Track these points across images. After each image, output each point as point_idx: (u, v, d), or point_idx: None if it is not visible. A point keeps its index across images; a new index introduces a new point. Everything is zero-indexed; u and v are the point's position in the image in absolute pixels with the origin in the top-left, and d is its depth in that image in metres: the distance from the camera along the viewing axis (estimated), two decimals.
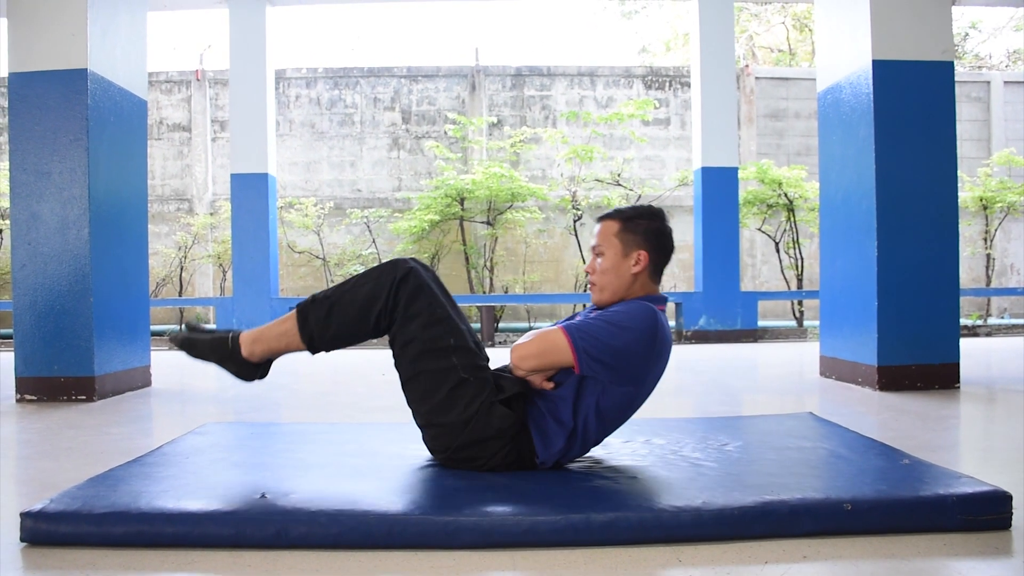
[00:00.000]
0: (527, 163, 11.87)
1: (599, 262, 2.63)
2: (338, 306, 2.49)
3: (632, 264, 2.58)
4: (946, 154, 4.97)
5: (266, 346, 2.56)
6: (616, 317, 2.46)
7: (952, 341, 4.96)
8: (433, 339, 2.45)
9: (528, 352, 2.43)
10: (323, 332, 2.50)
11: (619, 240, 2.60)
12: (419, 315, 2.45)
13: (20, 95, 4.91)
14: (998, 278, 12.39)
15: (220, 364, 2.59)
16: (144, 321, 5.58)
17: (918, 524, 2.07)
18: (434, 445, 2.52)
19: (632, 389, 2.49)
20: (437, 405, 2.45)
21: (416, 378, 2.49)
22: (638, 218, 2.62)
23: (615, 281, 2.60)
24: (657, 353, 2.49)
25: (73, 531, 2.03)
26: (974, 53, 20.01)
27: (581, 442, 2.51)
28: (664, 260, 2.65)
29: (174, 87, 12.28)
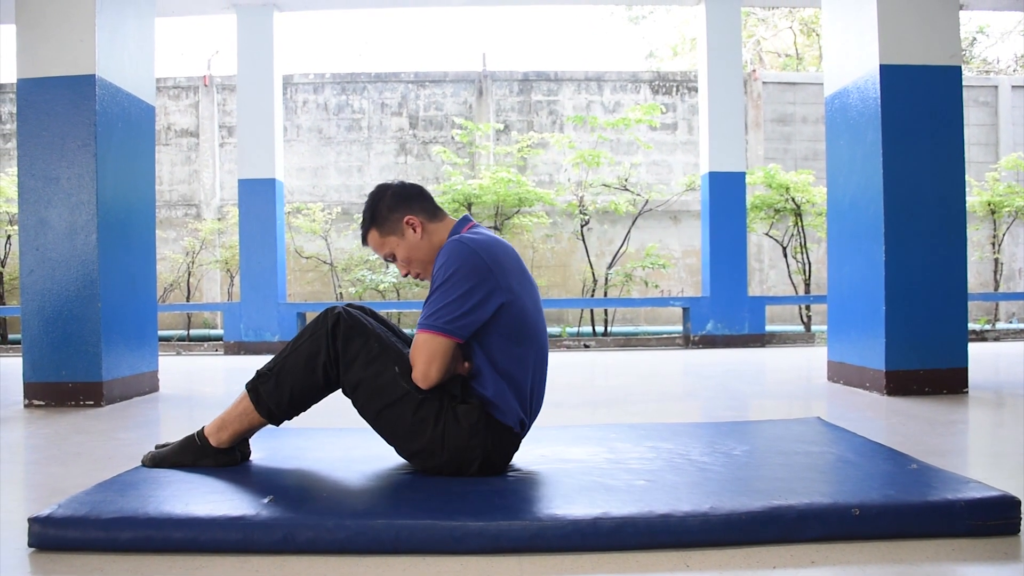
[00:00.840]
0: (534, 168, 11.88)
1: (400, 264, 2.69)
2: (283, 373, 2.54)
3: (412, 232, 2.63)
4: (954, 158, 4.95)
5: (231, 430, 2.63)
6: (439, 276, 2.47)
7: (960, 345, 4.95)
8: (377, 375, 2.48)
9: (425, 366, 2.44)
10: (278, 402, 2.55)
11: (387, 234, 2.66)
12: (357, 357, 2.49)
13: (28, 101, 4.93)
14: (1006, 282, 12.36)
15: (198, 463, 2.64)
16: (152, 326, 5.59)
17: (926, 529, 2.06)
18: (427, 467, 2.53)
19: (503, 301, 2.48)
20: (408, 432, 2.48)
21: (379, 417, 2.51)
22: (373, 210, 2.67)
23: (419, 254, 2.65)
24: (493, 263, 2.49)
25: (81, 536, 2.03)
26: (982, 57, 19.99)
27: (526, 385, 2.55)
28: (420, 199, 2.68)
29: (182, 93, 12.32)
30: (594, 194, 11.11)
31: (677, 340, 9.78)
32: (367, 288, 10.76)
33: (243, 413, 2.59)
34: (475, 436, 2.46)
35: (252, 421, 2.60)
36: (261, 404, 2.55)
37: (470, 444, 2.46)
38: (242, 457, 2.70)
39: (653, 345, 9.69)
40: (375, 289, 10.79)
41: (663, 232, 11.97)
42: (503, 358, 2.51)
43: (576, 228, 11.07)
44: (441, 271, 2.47)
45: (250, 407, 2.57)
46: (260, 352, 9.08)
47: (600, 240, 11.88)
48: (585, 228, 10.99)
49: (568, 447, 2.92)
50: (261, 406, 2.55)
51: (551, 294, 11.69)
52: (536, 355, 2.59)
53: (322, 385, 2.53)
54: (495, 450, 2.50)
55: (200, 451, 2.64)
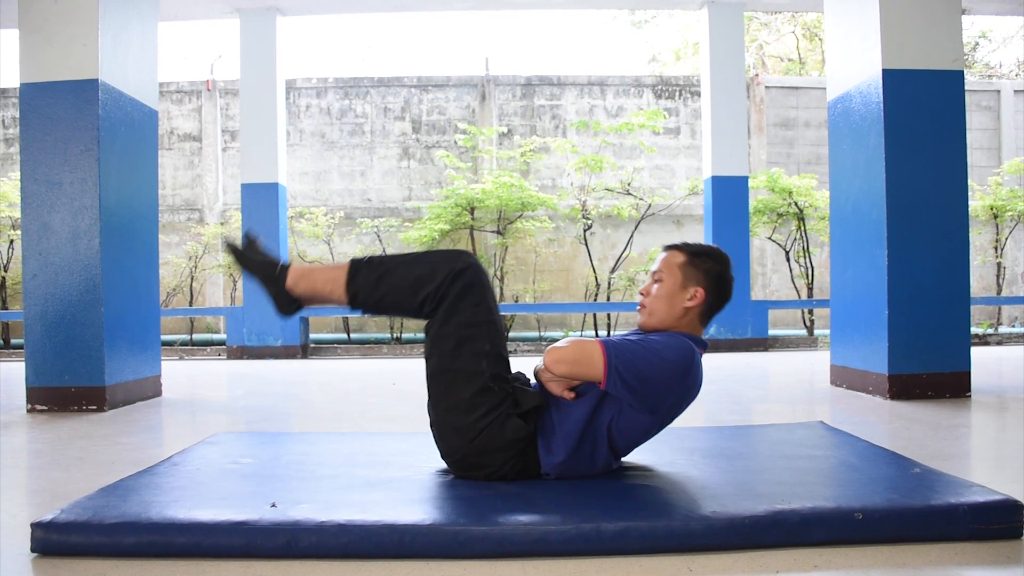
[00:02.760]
0: (537, 172, 11.88)
1: (655, 288, 2.62)
2: (391, 275, 2.50)
3: (687, 298, 2.58)
4: (956, 163, 4.95)
5: (311, 285, 2.59)
6: (655, 345, 2.44)
7: (963, 350, 4.94)
8: (470, 339, 2.45)
9: (563, 357, 2.40)
10: (369, 294, 2.52)
11: (681, 272, 2.60)
12: (463, 312, 2.45)
13: (31, 105, 4.94)
14: (1009, 287, 12.34)
15: (262, 284, 2.63)
16: (155, 331, 5.59)
17: (929, 533, 2.06)
18: (443, 444, 2.51)
19: (648, 418, 2.47)
20: (456, 405, 2.45)
21: (443, 374, 2.48)
22: (705, 256, 2.62)
23: (665, 309, 2.59)
24: (684, 390, 2.47)
25: (83, 541, 2.03)
26: (984, 62, 19.96)
27: (588, 459, 2.49)
28: (718, 306, 2.64)
29: (185, 97, 12.33)
30: (597, 198, 11.11)
31: None
32: None
33: (332, 280, 2.56)
34: (506, 451, 2.44)
35: (334, 292, 2.56)
36: (353, 284, 2.52)
37: (496, 454, 2.44)
38: (292, 310, 2.66)
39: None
40: None
41: (666, 236, 11.95)
42: (597, 431, 2.47)
43: (579, 232, 11.06)
44: (662, 346, 2.44)
45: (342, 279, 2.53)
46: (263, 356, 9.09)
47: (603, 244, 11.87)
48: (588, 232, 10.98)
49: None
50: (352, 285, 2.52)
51: (554, 298, 11.69)
52: (619, 453, 2.57)
53: (414, 309, 2.50)
54: (511, 472, 2.48)
55: (273, 279, 2.62)
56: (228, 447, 3.14)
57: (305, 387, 6.34)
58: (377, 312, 2.58)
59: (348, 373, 7.35)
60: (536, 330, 11.35)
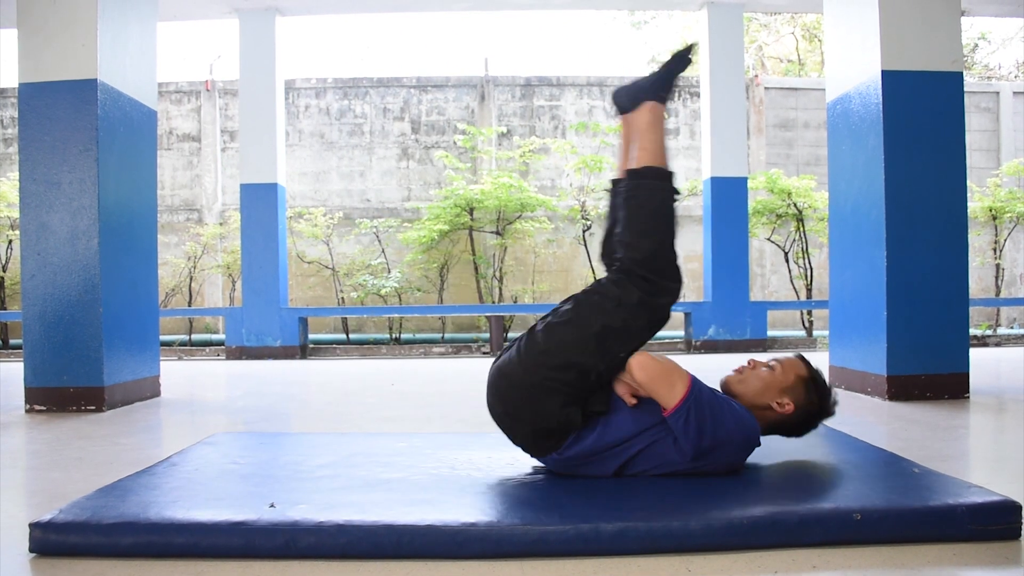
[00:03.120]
0: (536, 173, 11.88)
1: (764, 370, 2.65)
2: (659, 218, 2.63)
3: (778, 401, 2.60)
4: (955, 164, 4.96)
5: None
6: (735, 414, 2.46)
7: (961, 351, 4.95)
8: (609, 349, 2.48)
9: (648, 367, 2.44)
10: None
11: (794, 382, 2.62)
12: (628, 307, 2.50)
13: (30, 105, 4.94)
14: (1007, 288, 12.35)
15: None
16: (153, 331, 5.59)
17: (928, 534, 2.06)
18: (511, 370, 2.51)
19: (679, 459, 2.47)
20: (549, 368, 2.45)
21: (556, 337, 2.50)
22: (819, 391, 2.64)
23: (756, 393, 2.61)
24: (724, 463, 2.49)
25: (82, 542, 2.03)
26: (983, 64, 19.98)
27: (598, 462, 2.50)
28: (788, 431, 2.67)
29: (184, 97, 12.33)
30: (596, 199, 11.10)
31: (679, 345, 9.78)
32: (369, 293, 10.76)
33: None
34: (544, 421, 2.45)
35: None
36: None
37: (537, 415, 2.46)
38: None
39: (655, 350, 9.66)
40: (377, 294, 10.79)
41: None
42: (626, 450, 2.49)
43: (578, 233, 11.07)
44: (737, 421, 2.46)
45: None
46: (262, 357, 9.08)
47: None
48: (587, 233, 10.98)
49: None
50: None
51: (553, 299, 11.67)
52: (628, 471, 2.55)
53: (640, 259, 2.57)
54: (535, 436, 2.50)
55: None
56: (227, 447, 3.13)
57: (304, 387, 6.34)
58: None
59: (347, 373, 7.35)
60: None
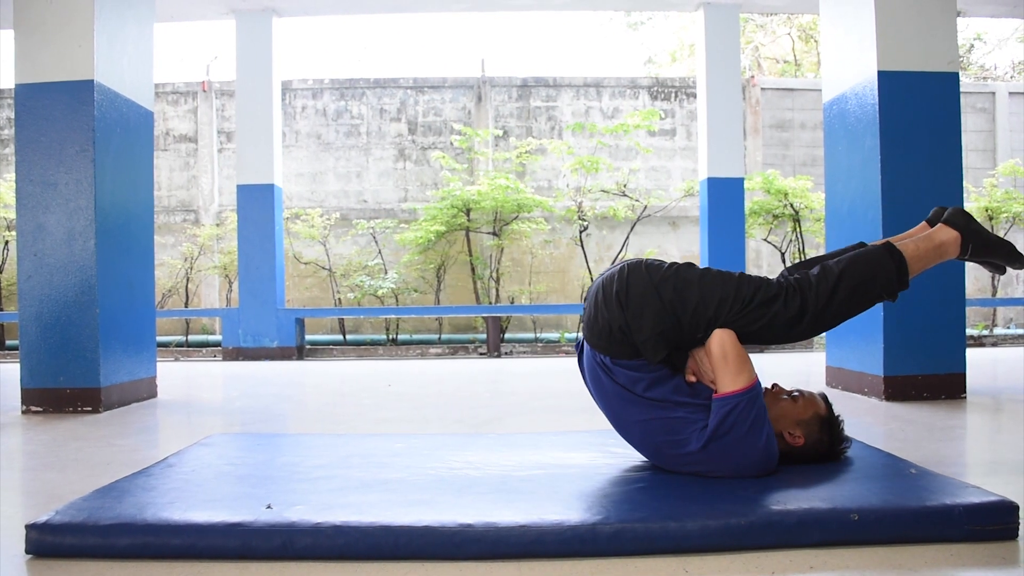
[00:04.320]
0: (533, 174, 11.88)
1: (785, 398, 2.68)
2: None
3: (789, 433, 2.62)
4: (951, 164, 4.96)
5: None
6: (768, 436, 2.50)
7: (958, 351, 4.95)
8: (750, 313, 2.59)
9: (728, 344, 2.52)
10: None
11: (811, 416, 2.65)
12: (748, 302, 2.59)
13: (26, 106, 4.93)
14: (1004, 288, 12.36)
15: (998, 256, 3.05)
16: (150, 332, 5.58)
17: (925, 534, 2.06)
18: (634, 279, 2.57)
19: (694, 447, 2.48)
20: (683, 297, 2.54)
21: (720, 286, 2.59)
22: (831, 431, 2.68)
23: (772, 414, 2.61)
24: (729, 469, 2.49)
25: (78, 543, 2.03)
26: (979, 64, 20.00)
27: (626, 401, 2.58)
28: (790, 463, 2.66)
29: (180, 98, 12.32)
30: (593, 200, 11.11)
31: None
32: (365, 294, 10.76)
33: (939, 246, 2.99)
34: (639, 332, 2.51)
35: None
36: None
37: (640, 319, 2.51)
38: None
39: None
40: (374, 295, 10.79)
41: (662, 238, 11.96)
42: (654, 411, 2.54)
43: (575, 234, 11.07)
44: (770, 443, 2.50)
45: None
46: (259, 358, 9.07)
47: (599, 246, 11.88)
48: (584, 234, 10.98)
49: (567, 452, 2.92)
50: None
51: (549, 300, 11.69)
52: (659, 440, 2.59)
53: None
54: (622, 338, 2.55)
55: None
56: (223, 448, 3.13)
57: (301, 388, 6.33)
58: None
59: (343, 374, 7.34)
60: (532, 331, 11.35)
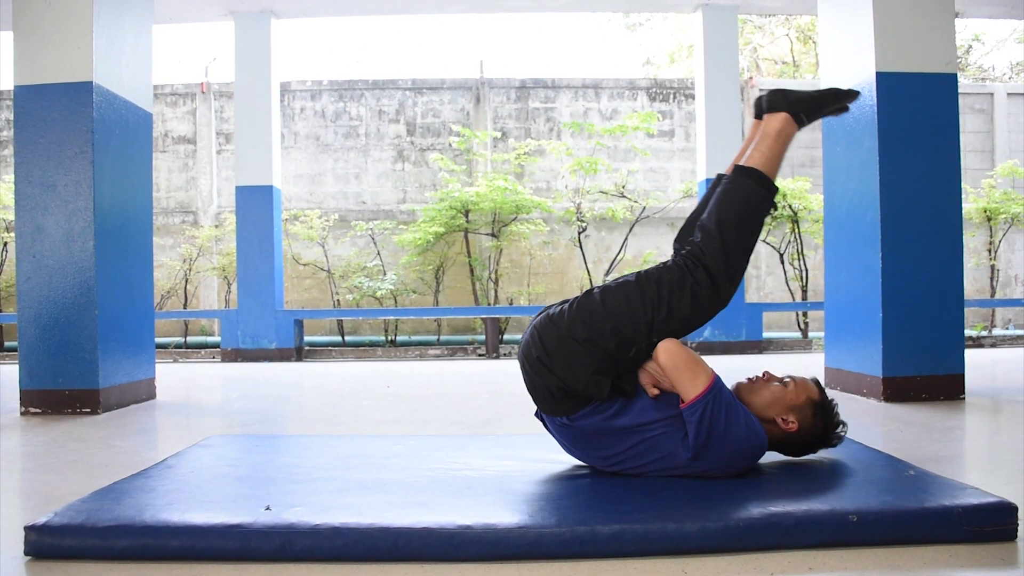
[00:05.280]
0: (532, 175, 11.88)
1: (777, 384, 2.67)
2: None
3: (783, 417, 2.60)
4: (950, 165, 4.96)
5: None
6: (749, 421, 2.47)
7: (957, 352, 4.95)
8: (663, 324, 2.51)
9: (675, 354, 2.46)
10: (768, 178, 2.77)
11: (803, 401, 2.63)
12: (687, 305, 2.54)
13: (25, 108, 4.93)
14: (1002, 289, 12.36)
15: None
16: (149, 334, 5.58)
17: (924, 536, 2.06)
18: (560, 320, 2.53)
19: (681, 456, 2.48)
20: (597, 329, 2.48)
21: (605, 312, 2.51)
22: (824, 419, 2.66)
23: (760, 404, 2.61)
24: (725, 467, 2.49)
25: (77, 544, 2.03)
26: (977, 65, 20.02)
27: (601, 441, 2.53)
28: (784, 448, 2.68)
29: (179, 100, 12.31)
30: (591, 201, 11.11)
31: None
32: (364, 295, 10.75)
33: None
34: (573, 382, 2.46)
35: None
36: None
37: (569, 369, 2.46)
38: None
39: None
40: (372, 296, 10.78)
41: (660, 239, 11.96)
42: (632, 434, 2.50)
43: (573, 235, 11.06)
44: (753, 430, 2.47)
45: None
46: (258, 359, 9.07)
47: (597, 247, 11.88)
48: (582, 235, 10.98)
49: (566, 453, 2.91)
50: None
51: (548, 301, 11.67)
52: (643, 462, 2.56)
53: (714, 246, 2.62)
54: (561, 393, 2.50)
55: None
56: (222, 450, 3.13)
57: (299, 390, 6.33)
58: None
59: (342, 376, 7.34)
60: None
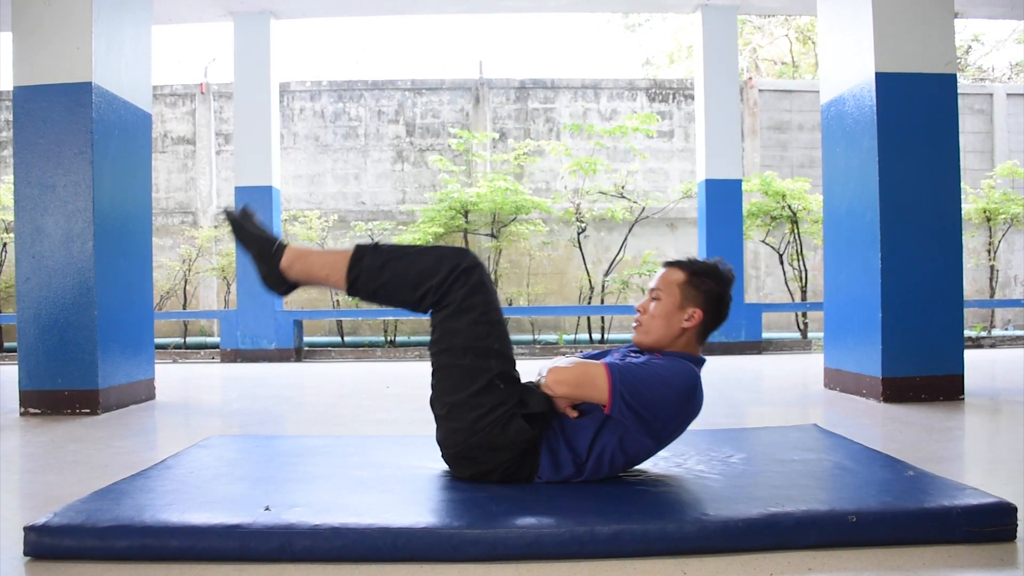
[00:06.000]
0: (531, 176, 11.88)
1: (653, 305, 2.62)
2: (395, 263, 2.48)
3: (684, 319, 2.57)
4: (949, 166, 4.97)
5: (307, 268, 2.57)
6: (661, 371, 2.43)
7: (956, 352, 4.95)
8: (479, 337, 2.43)
9: (565, 378, 2.41)
10: (370, 280, 2.50)
11: (680, 291, 2.59)
12: (473, 310, 2.44)
13: (25, 109, 4.93)
14: (1002, 290, 12.37)
15: (256, 259, 2.61)
16: (148, 334, 5.58)
17: (923, 536, 2.06)
18: (446, 438, 2.49)
19: (651, 442, 2.48)
20: (462, 401, 2.42)
21: (450, 369, 2.46)
22: (705, 276, 2.61)
23: (663, 329, 2.59)
24: (688, 414, 2.50)
25: (77, 545, 2.02)
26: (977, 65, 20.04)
27: (590, 473, 2.49)
28: (715, 326, 2.65)
29: (179, 100, 12.32)
30: (591, 201, 11.11)
31: None
32: None
33: (331, 264, 2.54)
34: (504, 451, 2.42)
35: (331, 276, 2.55)
36: (355, 269, 2.49)
37: (498, 452, 2.42)
38: (283, 291, 2.65)
39: None
40: None
41: (660, 239, 11.97)
42: (600, 452, 2.46)
43: (573, 236, 11.06)
44: (668, 373, 2.43)
45: (343, 264, 2.51)
46: (257, 360, 9.07)
47: (597, 247, 11.88)
48: (582, 235, 10.98)
49: None
50: (354, 271, 2.50)
51: (548, 302, 11.69)
52: (619, 470, 2.54)
53: (412, 301, 2.49)
54: (504, 474, 2.46)
55: (268, 256, 2.59)
56: (221, 450, 3.13)
57: (299, 390, 6.33)
58: (372, 298, 2.54)
59: (342, 376, 7.34)
60: (530, 333, 11.34)
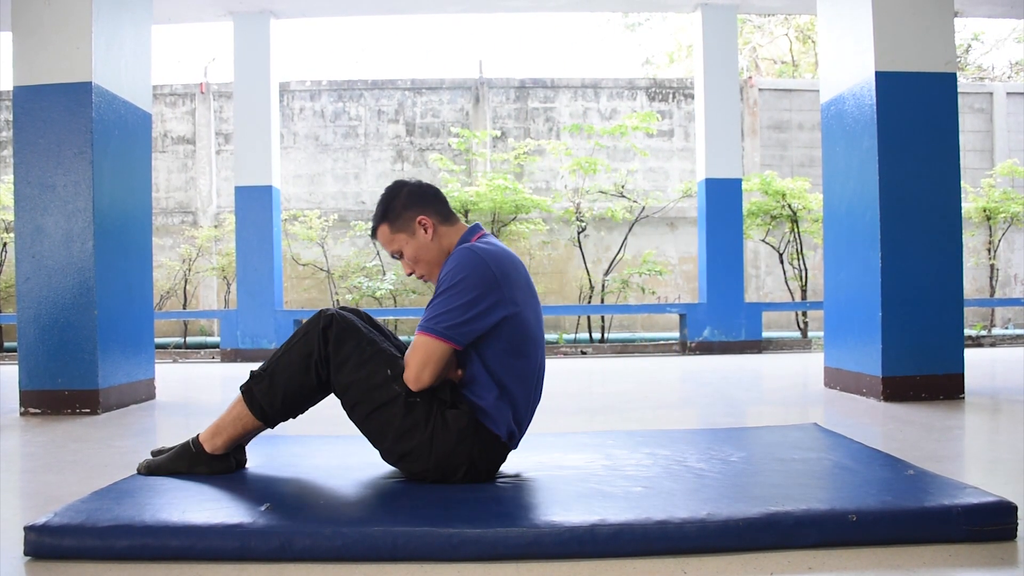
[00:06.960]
0: (531, 175, 11.88)
1: (405, 259, 2.67)
2: (277, 373, 2.55)
3: (423, 233, 2.62)
4: (949, 165, 4.96)
5: (226, 436, 2.63)
6: (446, 281, 2.47)
7: (956, 351, 4.95)
8: (369, 376, 2.48)
9: (419, 368, 2.44)
10: (271, 402, 2.55)
11: (397, 231, 2.64)
12: (348, 359, 2.49)
13: (25, 108, 4.92)
14: (1002, 288, 12.37)
15: (193, 471, 2.63)
16: (148, 334, 5.58)
17: (923, 535, 2.06)
18: (416, 474, 2.52)
19: (507, 314, 2.48)
20: (396, 435, 2.48)
21: (368, 419, 2.52)
22: (387, 205, 2.65)
23: (427, 255, 2.64)
24: (501, 275, 2.49)
25: (77, 545, 2.02)
26: (977, 64, 20.03)
27: (521, 397, 2.54)
28: (437, 201, 2.68)
29: (178, 100, 12.32)
30: (591, 201, 11.11)
31: (674, 347, 9.78)
32: (364, 295, 10.75)
33: (237, 417, 2.59)
34: (462, 442, 2.46)
35: (247, 424, 2.60)
36: (255, 405, 2.55)
37: (456, 450, 2.46)
38: (237, 464, 2.69)
39: (650, 351, 9.69)
40: (372, 296, 10.78)
41: (660, 239, 11.97)
42: (500, 369, 2.50)
43: (573, 235, 11.06)
44: (448, 276, 2.47)
45: (244, 410, 2.57)
46: (257, 359, 9.05)
47: (597, 247, 11.89)
48: (582, 235, 10.98)
49: (565, 454, 2.92)
50: (255, 407, 2.55)
51: (548, 301, 11.68)
52: (534, 369, 2.59)
53: (315, 386, 2.54)
54: (481, 458, 2.50)
55: (195, 458, 2.63)
56: None
57: None
58: (292, 413, 2.62)
59: None
60: None
